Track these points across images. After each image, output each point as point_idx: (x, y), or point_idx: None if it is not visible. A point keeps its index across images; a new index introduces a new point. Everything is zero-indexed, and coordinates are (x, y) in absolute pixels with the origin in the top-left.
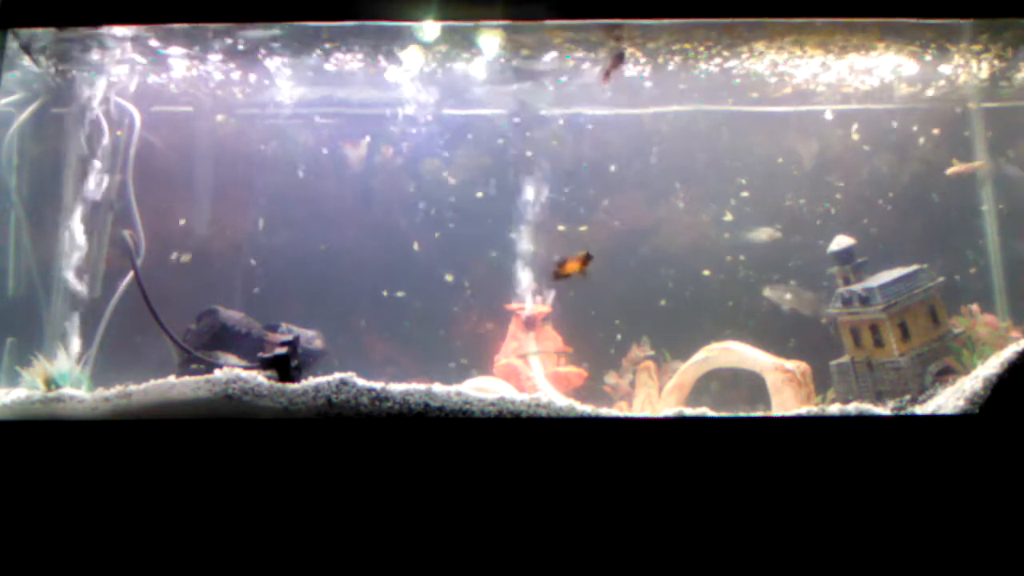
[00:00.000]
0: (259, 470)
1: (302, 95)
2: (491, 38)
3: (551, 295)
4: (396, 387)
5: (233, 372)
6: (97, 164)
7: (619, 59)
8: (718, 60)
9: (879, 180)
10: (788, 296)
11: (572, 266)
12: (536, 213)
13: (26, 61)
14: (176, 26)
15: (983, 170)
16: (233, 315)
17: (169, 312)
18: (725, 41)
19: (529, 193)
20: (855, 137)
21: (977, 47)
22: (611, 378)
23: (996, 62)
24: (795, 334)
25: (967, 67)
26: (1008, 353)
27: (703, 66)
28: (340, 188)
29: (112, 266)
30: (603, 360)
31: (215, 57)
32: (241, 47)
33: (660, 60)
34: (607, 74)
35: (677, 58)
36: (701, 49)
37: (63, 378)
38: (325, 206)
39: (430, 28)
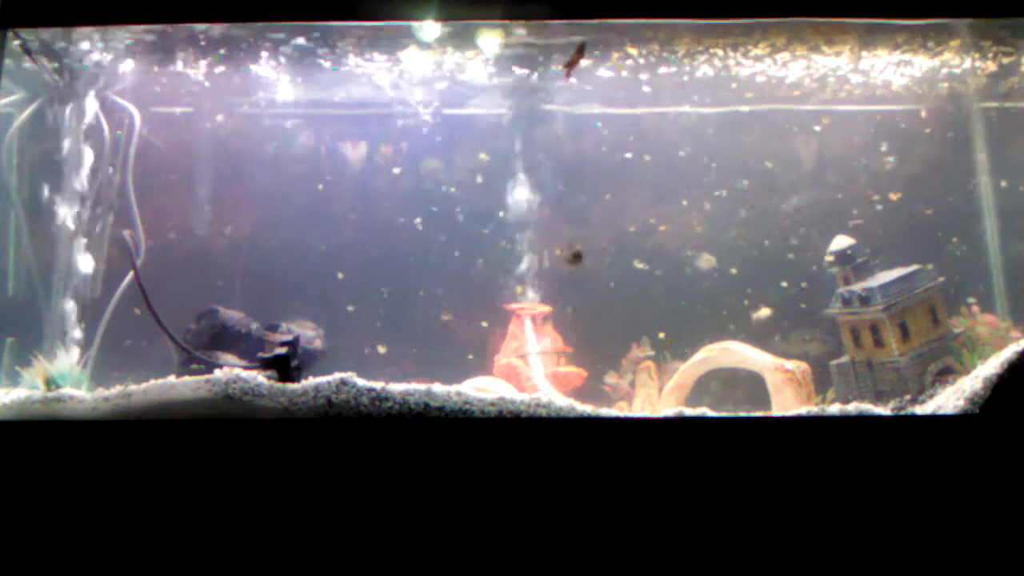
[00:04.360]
0: (259, 470)
1: (304, 95)
2: (492, 38)
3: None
4: (396, 387)
5: (233, 372)
6: (97, 164)
7: (579, 51)
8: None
9: (879, 180)
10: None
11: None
12: (541, 213)
13: (26, 61)
14: (176, 26)
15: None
16: (233, 315)
17: (169, 312)
18: (727, 40)
19: (533, 193)
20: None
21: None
22: (611, 378)
23: (998, 61)
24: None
25: (968, 67)
26: (1008, 353)
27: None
28: (354, 188)
29: (112, 266)
30: (604, 359)
31: (215, 56)
32: (241, 46)
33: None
34: (569, 67)
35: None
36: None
37: (63, 378)
38: (338, 207)
39: (430, 28)
